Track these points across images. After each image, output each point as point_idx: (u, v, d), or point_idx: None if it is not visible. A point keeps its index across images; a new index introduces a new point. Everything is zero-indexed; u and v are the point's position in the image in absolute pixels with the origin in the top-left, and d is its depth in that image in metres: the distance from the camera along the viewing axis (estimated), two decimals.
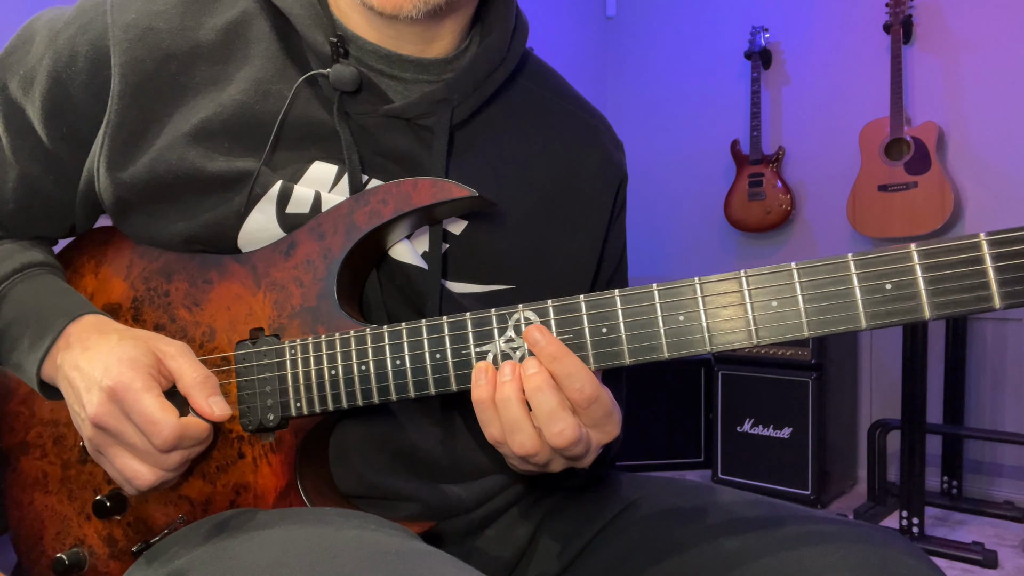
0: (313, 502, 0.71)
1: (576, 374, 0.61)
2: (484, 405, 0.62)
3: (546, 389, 0.60)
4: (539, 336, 0.61)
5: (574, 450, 0.61)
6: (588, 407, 0.61)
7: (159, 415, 0.64)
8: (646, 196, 3.83)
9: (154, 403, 0.64)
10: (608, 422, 0.63)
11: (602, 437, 0.64)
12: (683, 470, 3.30)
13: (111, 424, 0.65)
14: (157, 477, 0.67)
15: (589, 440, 0.63)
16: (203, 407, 0.67)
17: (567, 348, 0.61)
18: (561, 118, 0.87)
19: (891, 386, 3.15)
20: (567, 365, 0.61)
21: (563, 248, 0.83)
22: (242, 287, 0.74)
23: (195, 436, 0.66)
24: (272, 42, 0.75)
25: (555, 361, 0.61)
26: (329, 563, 0.54)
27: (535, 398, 0.61)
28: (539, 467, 0.65)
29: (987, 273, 0.53)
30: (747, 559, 0.66)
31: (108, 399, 0.65)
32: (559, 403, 0.60)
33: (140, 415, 0.64)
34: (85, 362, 0.68)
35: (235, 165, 0.72)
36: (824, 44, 3.38)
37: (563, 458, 0.64)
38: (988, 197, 2.96)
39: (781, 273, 0.58)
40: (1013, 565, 2.39)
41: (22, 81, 0.77)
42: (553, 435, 0.60)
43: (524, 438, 0.61)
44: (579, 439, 0.61)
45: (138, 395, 0.64)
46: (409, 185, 0.70)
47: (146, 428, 0.64)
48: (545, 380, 0.61)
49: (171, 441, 0.64)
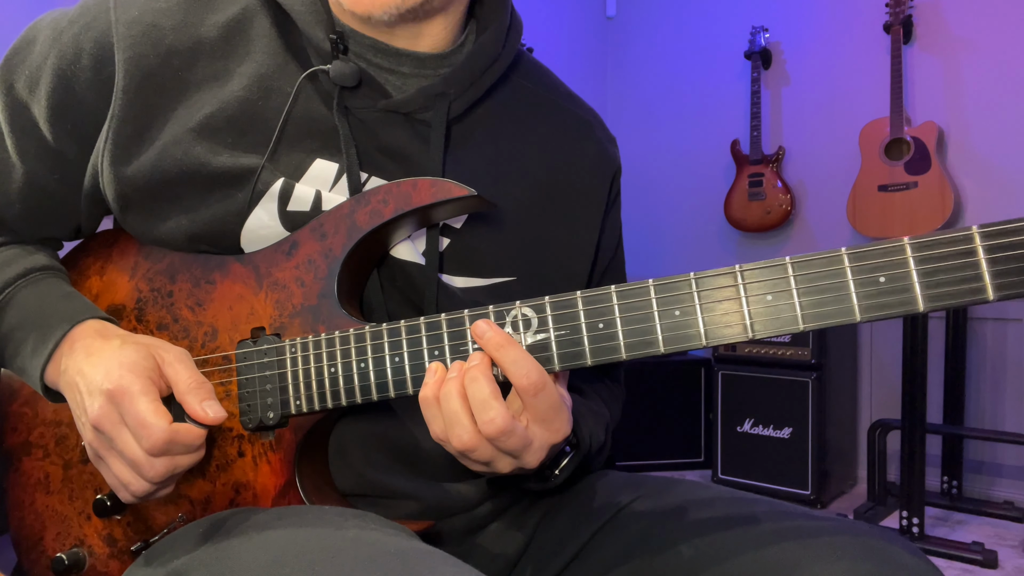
0: (312, 500, 0.71)
1: (521, 360, 0.62)
2: (428, 403, 0.64)
3: (480, 379, 0.61)
4: (485, 327, 0.63)
5: (508, 442, 0.62)
6: (536, 395, 0.62)
7: (151, 419, 0.64)
8: (646, 196, 3.83)
9: (148, 407, 0.65)
10: (556, 418, 0.64)
11: (549, 436, 0.64)
12: (683, 470, 3.30)
13: (107, 428, 0.66)
14: (145, 486, 0.67)
15: (528, 436, 0.63)
16: (196, 411, 0.67)
17: (512, 338, 0.63)
18: (555, 113, 0.88)
19: (891, 386, 3.15)
20: (511, 352, 0.62)
21: (561, 239, 0.84)
22: (244, 287, 0.74)
23: (185, 442, 0.66)
24: (273, 38, 0.76)
25: (500, 349, 0.62)
26: (328, 563, 0.54)
27: (470, 388, 0.62)
28: (485, 465, 0.66)
29: (980, 265, 0.53)
30: (745, 558, 0.66)
31: (107, 402, 0.65)
32: (491, 392, 0.61)
33: (133, 418, 0.65)
34: (88, 367, 0.68)
35: (239, 161, 0.73)
36: (824, 44, 3.38)
37: (505, 455, 0.64)
38: (988, 197, 2.96)
39: (776, 267, 0.58)
40: (1013, 565, 2.39)
41: (27, 80, 0.77)
42: (484, 423, 0.61)
43: (461, 431, 0.62)
44: (511, 430, 0.61)
45: (134, 398, 0.65)
46: (409, 185, 0.71)
47: (137, 431, 0.65)
48: (481, 371, 0.62)
49: (160, 445, 0.64)
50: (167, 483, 0.69)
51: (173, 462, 0.66)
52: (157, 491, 0.69)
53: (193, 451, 0.67)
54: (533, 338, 0.64)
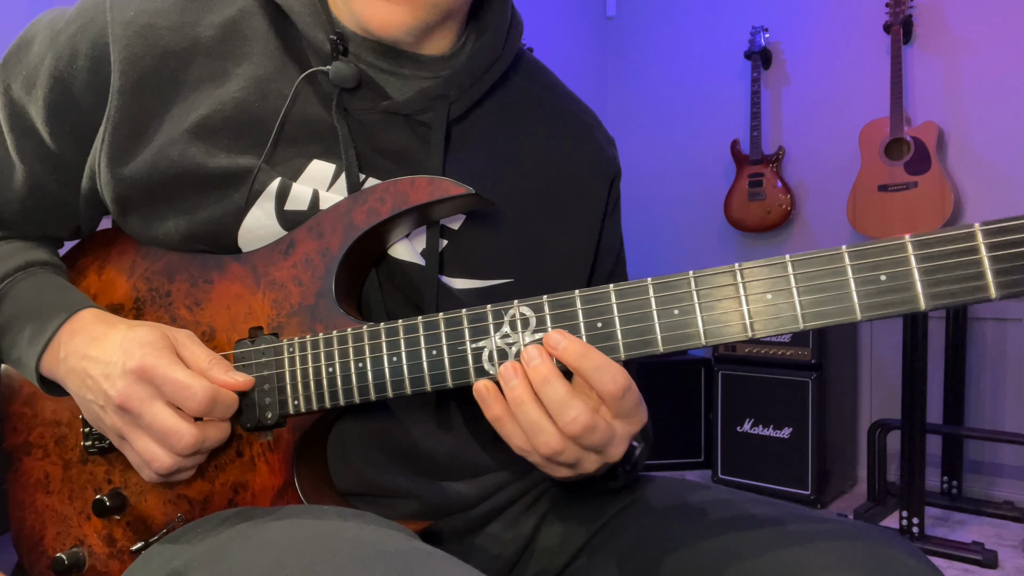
0: (311, 500, 0.71)
1: (604, 366, 0.60)
2: (502, 421, 0.62)
3: (552, 380, 0.60)
4: (559, 337, 0.61)
5: (591, 438, 0.61)
6: (623, 396, 0.61)
7: (191, 380, 0.66)
8: (646, 196, 3.83)
9: (184, 372, 0.66)
10: (637, 411, 0.63)
11: (630, 427, 0.64)
12: (683, 470, 3.30)
13: (135, 406, 0.66)
14: (174, 461, 0.67)
15: (610, 429, 0.62)
16: (225, 379, 0.68)
17: (590, 345, 0.61)
18: (555, 114, 0.88)
19: (891, 386, 3.15)
20: (593, 359, 0.60)
21: (560, 242, 0.83)
22: (242, 286, 0.74)
23: (226, 403, 0.68)
24: (271, 39, 0.76)
25: (582, 358, 0.60)
26: (328, 563, 0.54)
27: (544, 391, 0.60)
28: (572, 468, 0.64)
29: (982, 263, 0.53)
30: (745, 559, 0.66)
31: (136, 380, 0.66)
32: (567, 392, 0.60)
33: (172, 384, 0.66)
34: (97, 350, 0.69)
35: (236, 162, 0.72)
36: (824, 44, 3.38)
37: (590, 452, 0.63)
38: (988, 197, 2.96)
39: (776, 266, 0.58)
40: (1013, 565, 2.39)
41: (25, 82, 0.77)
42: (567, 424, 0.60)
43: (548, 437, 0.60)
44: (594, 425, 0.60)
45: (167, 368, 0.66)
46: (406, 184, 0.71)
47: (180, 394, 0.66)
48: (550, 370, 0.60)
49: (206, 403, 0.66)
50: (191, 462, 0.69)
51: (204, 431, 0.67)
52: (180, 471, 0.69)
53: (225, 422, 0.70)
54: (531, 337, 0.64)
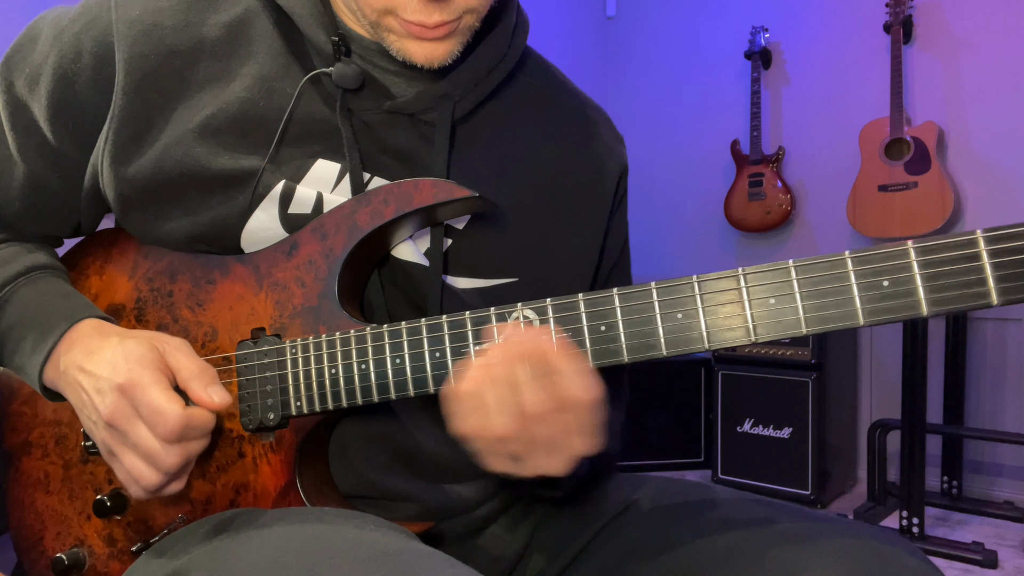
0: (312, 501, 0.71)
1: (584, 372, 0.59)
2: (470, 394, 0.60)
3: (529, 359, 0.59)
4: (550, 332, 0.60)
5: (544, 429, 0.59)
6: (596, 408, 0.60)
7: (165, 405, 0.64)
8: (646, 196, 3.83)
9: (161, 395, 0.65)
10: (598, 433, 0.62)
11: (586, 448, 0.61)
12: (683, 470, 3.30)
13: (120, 423, 0.65)
14: (159, 479, 0.66)
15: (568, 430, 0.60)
16: (201, 396, 0.67)
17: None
18: (561, 112, 0.87)
19: (891, 386, 3.15)
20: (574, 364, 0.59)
21: (565, 240, 0.83)
22: (244, 287, 0.74)
23: (199, 426, 0.66)
24: (275, 40, 0.76)
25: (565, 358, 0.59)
26: (328, 563, 0.54)
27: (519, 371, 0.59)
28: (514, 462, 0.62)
29: (984, 269, 0.53)
30: (745, 559, 0.66)
31: (120, 397, 0.65)
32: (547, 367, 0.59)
33: (147, 407, 0.64)
34: (91, 364, 0.68)
35: (239, 163, 0.72)
36: (824, 44, 3.37)
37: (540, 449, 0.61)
38: (988, 197, 2.96)
39: (779, 271, 0.58)
40: (1013, 565, 2.39)
41: (28, 79, 0.77)
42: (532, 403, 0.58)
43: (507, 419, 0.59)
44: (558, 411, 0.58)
45: (146, 389, 0.65)
46: (410, 185, 0.71)
47: (152, 419, 0.64)
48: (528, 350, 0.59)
49: (176, 431, 0.64)
50: (179, 475, 0.68)
51: (186, 449, 0.66)
52: (168, 485, 0.68)
53: (205, 436, 0.67)
54: None
